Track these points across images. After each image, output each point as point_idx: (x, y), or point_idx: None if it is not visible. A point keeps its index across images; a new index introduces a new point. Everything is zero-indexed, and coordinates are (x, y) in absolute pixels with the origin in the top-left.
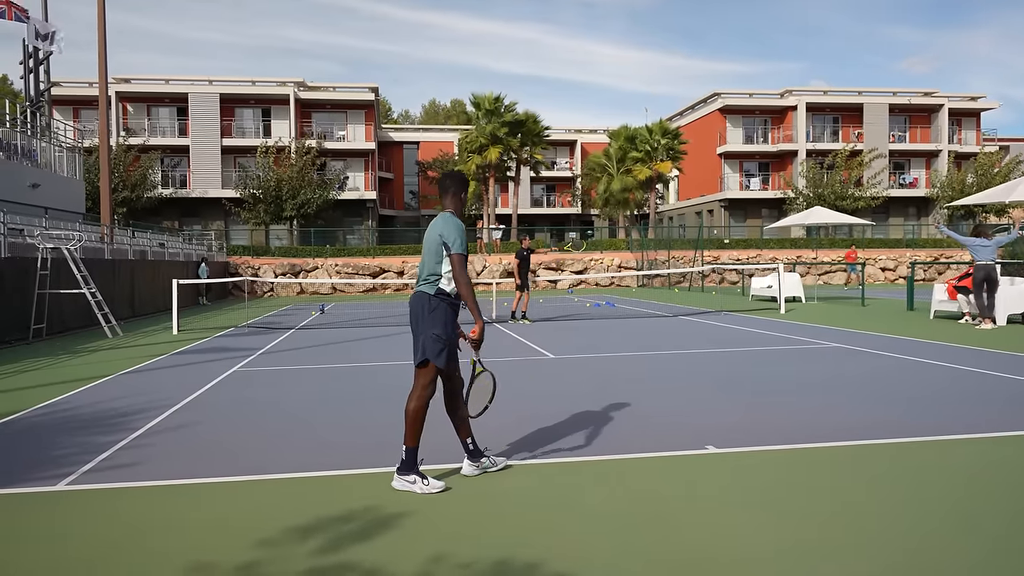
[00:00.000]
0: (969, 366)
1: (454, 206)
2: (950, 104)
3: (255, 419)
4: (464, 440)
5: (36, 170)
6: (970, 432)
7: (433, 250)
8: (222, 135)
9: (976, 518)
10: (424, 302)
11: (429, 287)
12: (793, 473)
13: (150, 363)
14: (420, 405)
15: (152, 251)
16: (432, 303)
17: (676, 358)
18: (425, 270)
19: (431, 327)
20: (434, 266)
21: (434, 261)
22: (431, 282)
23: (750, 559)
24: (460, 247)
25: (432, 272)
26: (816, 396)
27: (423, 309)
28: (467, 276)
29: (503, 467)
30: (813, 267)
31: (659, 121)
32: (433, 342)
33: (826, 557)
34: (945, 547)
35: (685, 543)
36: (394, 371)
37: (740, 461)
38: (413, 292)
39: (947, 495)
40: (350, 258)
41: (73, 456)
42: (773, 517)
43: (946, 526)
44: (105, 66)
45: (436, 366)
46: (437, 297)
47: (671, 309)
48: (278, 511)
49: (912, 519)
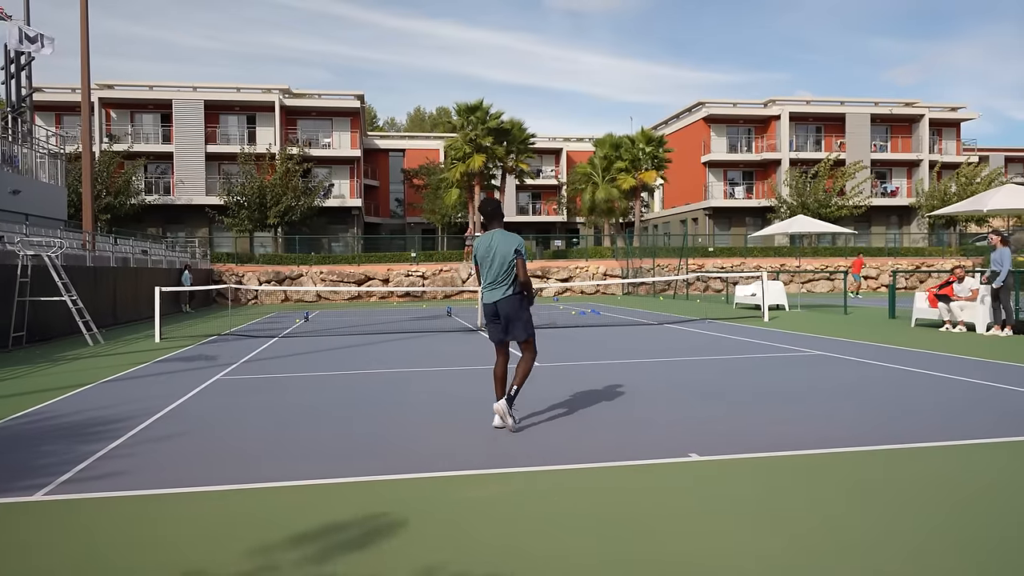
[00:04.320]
0: (951, 374)
1: (501, 223)
2: (931, 114)
3: (238, 428)
4: (513, 386)
5: (17, 176)
6: (949, 440)
7: (509, 260)
8: (206, 142)
9: (957, 527)
10: (516, 302)
11: (512, 289)
12: (775, 481)
13: (131, 371)
14: (531, 365)
15: (135, 258)
16: (521, 301)
17: (659, 366)
18: (504, 277)
19: (525, 315)
20: (510, 271)
21: (508, 270)
22: (512, 285)
23: (732, 568)
24: (525, 254)
25: (509, 277)
26: (798, 404)
27: (517, 307)
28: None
29: (515, 428)
30: (797, 275)
31: (643, 130)
32: (527, 323)
33: (808, 566)
34: (927, 557)
35: (667, 552)
36: (378, 379)
37: (723, 469)
38: (499, 297)
39: (920, 503)
40: (335, 266)
41: (51, 466)
42: (756, 526)
43: (924, 535)
44: (88, 71)
45: (533, 337)
46: (519, 296)
47: (656, 317)
48: (264, 521)
49: (891, 528)
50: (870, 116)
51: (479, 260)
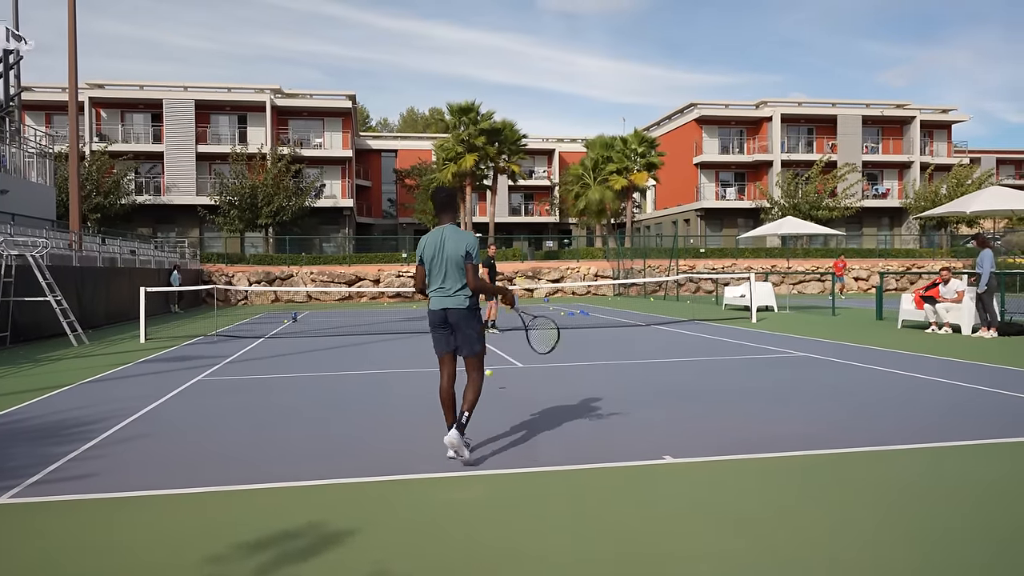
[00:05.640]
0: (933, 376)
1: (455, 219)
2: (922, 116)
3: (212, 430)
4: (463, 412)
5: (5, 176)
6: (924, 442)
7: (460, 263)
8: (197, 142)
9: (932, 529)
10: (466, 315)
11: (465, 300)
12: (748, 483)
13: (113, 372)
14: (481, 385)
15: (122, 258)
16: (472, 314)
17: (643, 367)
18: (454, 283)
19: (475, 328)
20: (462, 275)
21: (460, 274)
22: (466, 295)
23: (705, 571)
24: (479, 258)
25: (460, 281)
26: (777, 406)
27: (470, 316)
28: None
29: (464, 459)
30: (787, 276)
31: (636, 131)
32: (480, 336)
33: (780, 567)
34: (898, 557)
35: (639, 555)
36: (358, 380)
37: (696, 471)
38: (449, 305)
39: (892, 503)
40: (326, 266)
41: (21, 468)
42: (727, 527)
43: (896, 536)
44: (75, 69)
45: (483, 354)
46: (473, 308)
47: (645, 318)
48: (226, 526)
49: (854, 527)
50: (861, 118)
51: (425, 260)
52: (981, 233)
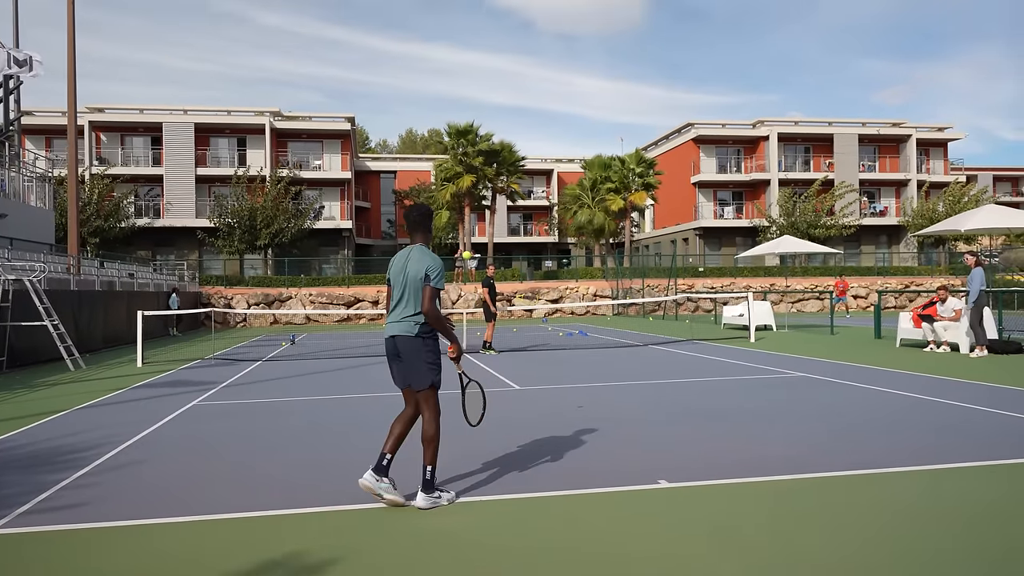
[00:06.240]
0: (929, 395)
1: (426, 239)
2: (918, 134)
3: (204, 456)
4: (425, 467)
5: (4, 200)
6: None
7: (419, 286)
8: (197, 164)
9: (923, 550)
10: (414, 344)
11: (414, 326)
12: (743, 507)
13: (108, 397)
14: (437, 427)
15: (121, 282)
16: (422, 343)
17: (640, 388)
18: (411, 308)
19: (424, 357)
20: (417, 300)
21: (419, 298)
22: (417, 321)
23: None
24: (441, 283)
25: (415, 306)
26: (773, 427)
27: (419, 346)
28: (438, 309)
29: (450, 501)
30: (786, 295)
31: (634, 151)
32: (431, 368)
33: None
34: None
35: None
36: (353, 404)
37: (692, 496)
38: (398, 331)
39: (886, 527)
40: (324, 288)
41: (12, 497)
42: (722, 552)
43: (883, 557)
44: (75, 94)
45: (436, 387)
46: (423, 337)
47: (643, 338)
48: (210, 555)
49: (846, 552)
50: (858, 136)
51: (391, 280)
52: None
